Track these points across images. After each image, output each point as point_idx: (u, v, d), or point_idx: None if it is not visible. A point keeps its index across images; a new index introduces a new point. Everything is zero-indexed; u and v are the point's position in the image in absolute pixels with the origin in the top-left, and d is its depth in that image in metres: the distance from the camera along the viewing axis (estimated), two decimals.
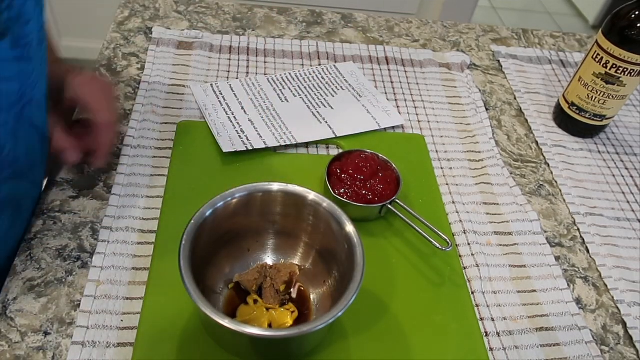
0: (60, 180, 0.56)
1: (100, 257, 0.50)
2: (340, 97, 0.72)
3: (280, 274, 0.48)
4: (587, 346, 0.51)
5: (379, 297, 0.51)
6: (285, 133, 0.64)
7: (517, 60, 0.85)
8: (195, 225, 0.43)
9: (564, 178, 0.67)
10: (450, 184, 0.63)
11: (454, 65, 0.81)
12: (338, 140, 0.65)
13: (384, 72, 0.78)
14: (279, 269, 0.49)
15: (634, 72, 0.65)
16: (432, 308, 0.51)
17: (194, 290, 0.39)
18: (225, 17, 0.83)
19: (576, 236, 0.61)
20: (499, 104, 0.77)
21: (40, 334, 0.45)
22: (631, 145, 0.74)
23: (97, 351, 0.44)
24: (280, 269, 0.49)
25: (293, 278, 0.49)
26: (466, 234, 0.58)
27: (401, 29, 0.88)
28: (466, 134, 0.70)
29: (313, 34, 0.83)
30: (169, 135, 0.63)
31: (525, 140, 0.72)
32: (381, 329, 0.48)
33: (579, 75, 0.70)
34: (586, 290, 0.56)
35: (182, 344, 0.45)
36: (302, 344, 0.45)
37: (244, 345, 0.44)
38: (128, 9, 0.81)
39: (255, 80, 0.72)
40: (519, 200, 0.63)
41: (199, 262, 0.42)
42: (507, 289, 0.54)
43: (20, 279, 0.48)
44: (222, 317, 0.37)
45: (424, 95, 0.75)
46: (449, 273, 0.54)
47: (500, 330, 0.51)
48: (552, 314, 0.53)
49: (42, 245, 0.51)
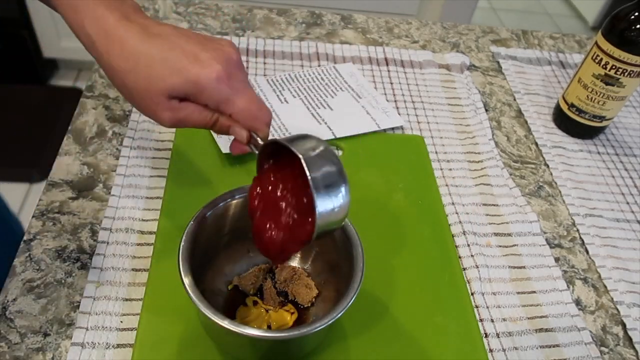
0: (60, 181, 0.56)
1: (100, 258, 0.50)
2: (340, 98, 0.72)
3: (281, 273, 0.49)
4: (587, 347, 0.51)
5: (379, 298, 0.51)
6: (285, 134, 0.64)
7: (516, 61, 0.85)
8: (195, 226, 0.43)
9: (564, 179, 0.67)
10: (449, 185, 0.63)
11: (453, 66, 0.81)
12: (337, 141, 0.65)
13: (384, 73, 0.78)
14: (280, 270, 0.49)
15: (634, 73, 0.65)
16: (431, 309, 0.51)
17: (193, 291, 0.39)
18: (224, 18, 0.83)
19: (576, 237, 0.61)
20: (499, 105, 0.77)
21: (40, 335, 0.45)
22: (631, 146, 0.74)
23: (97, 352, 0.44)
24: (281, 270, 0.49)
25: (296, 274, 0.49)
26: (466, 235, 0.58)
27: (401, 30, 0.88)
28: (466, 135, 0.70)
29: (312, 35, 0.83)
30: (169, 137, 0.63)
31: (525, 141, 0.72)
32: (381, 330, 0.48)
33: (578, 77, 0.71)
34: (586, 291, 0.56)
35: (182, 345, 0.45)
36: (301, 345, 0.45)
37: (243, 347, 0.44)
38: None
39: (254, 81, 0.72)
40: (518, 201, 0.63)
41: (198, 263, 0.42)
42: (506, 290, 0.54)
43: (20, 280, 0.48)
44: (222, 318, 0.37)
45: (424, 97, 0.75)
46: (448, 274, 0.54)
47: (500, 331, 0.51)
48: (552, 315, 0.53)
49: (41, 246, 0.51)
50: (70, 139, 0.61)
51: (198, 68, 0.40)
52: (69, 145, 0.60)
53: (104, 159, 0.59)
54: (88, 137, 0.61)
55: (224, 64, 0.40)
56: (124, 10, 0.41)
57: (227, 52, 0.41)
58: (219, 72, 0.40)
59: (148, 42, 0.40)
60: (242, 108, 0.41)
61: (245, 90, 0.42)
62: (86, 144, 0.61)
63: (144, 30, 0.40)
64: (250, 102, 0.42)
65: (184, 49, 0.40)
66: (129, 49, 0.40)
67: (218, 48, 0.41)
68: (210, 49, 0.41)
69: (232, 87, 0.41)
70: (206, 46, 0.41)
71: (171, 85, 0.40)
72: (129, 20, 0.40)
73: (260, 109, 0.42)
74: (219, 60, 0.40)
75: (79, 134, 0.62)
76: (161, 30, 0.41)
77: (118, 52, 0.40)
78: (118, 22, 0.40)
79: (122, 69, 0.40)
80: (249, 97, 0.42)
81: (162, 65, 0.40)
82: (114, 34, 0.40)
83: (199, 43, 0.41)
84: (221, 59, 0.40)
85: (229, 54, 0.41)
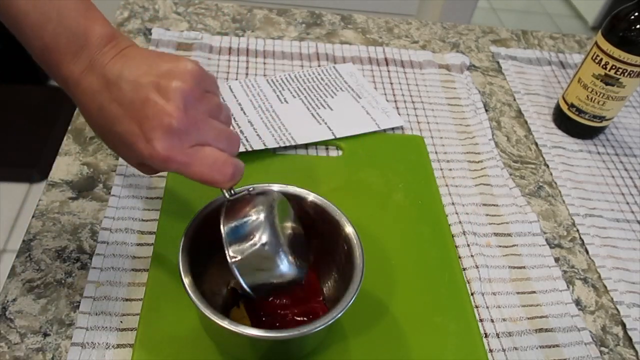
0: (60, 181, 0.56)
1: (100, 258, 0.50)
2: (340, 98, 0.72)
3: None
4: (587, 347, 0.51)
5: (379, 299, 0.51)
6: (285, 134, 0.65)
7: (516, 61, 0.85)
8: (195, 226, 0.43)
9: (564, 179, 0.67)
10: (449, 185, 0.63)
11: (453, 67, 0.81)
12: (337, 141, 0.65)
13: (384, 73, 0.78)
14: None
15: (634, 73, 0.65)
16: (431, 309, 0.51)
17: (193, 291, 0.39)
18: (224, 18, 0.83)
19: (575, 237, 0.61)
20: (499, 105, 0.77)
21: (40, 335, 0.45)
22: (631, 146, 0.74)
23: (97, 352, 0.44)
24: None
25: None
26: (465, 235, 0.58)
27: (400, 30, 0.88)
28: (465, 135, 0.70)
29: (312, 35, 0.83)
30: None
31: (525, 142, 0.72)
32: (380, 330, 0.48)
33: (578, 77, 0.71)
34: (585, 291, 0.56)
35: (182, 345, 0.45)
36: (301, 345, 0.45)
37: (243, 347, 0.44)
38: (127, 10, 0.81)
39: (254, 82, 0.72)
40: (518, 201, 0.63)
41: (199, 263, 0.42)
42: (506, 290, 0.54)
43: (20, 280, 0.48)
44: (222, 318, 0.38)
45: (424, 97, 0.75)
46: (448, 274, 0.54)
47: (500, 331, 0.51)
48: (552, 315, 0.53)
49: (41, 246, 0.51)
50: (70, 139, 0.61)
51: (142, 146, 0.37)
52: (69, 145, 0.60)
53: (104, 159, 0.59)
54: (88, 137, 0.61)
55: (166, 130, 0.37)
56: (87, 59, 0.38)
57: (179, 89, 0.37)
58: (159, 153, 0.37)
59: (107, 104, 0.38)
60: (198, 177, 0.39)
61: (198, 153, 0.39)
62: (86, 144, 0.61)
63: (103, 85, 0.38)
64: (203, 168, 0.39)
65: (128, 126, 0.37)
66: (96, 101, 0.39)
67: (166, 93, 0.37)
68: (153, 105, 0.37)
69: (180, 160, 0.38)
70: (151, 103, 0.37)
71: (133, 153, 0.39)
72: (91, 73, 0.38)
73: (219, 170, 0.39)
74: (162, 126, 0.37)
75: (79, 134, 0.62)
76: (119, 81, 0.38)
77: (89, 98, 0.39)
78: (82, 77, 0.38)
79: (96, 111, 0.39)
80: (204, 159, 0.39)
81: (113, 142, 0.40)
82: (79, 85, 0.39)
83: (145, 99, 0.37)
84: (165, 123, 0.37)
85: (180, 91, 0.37)
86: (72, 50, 0.38)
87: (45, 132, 1.66)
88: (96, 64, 0.38)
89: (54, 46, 0.38)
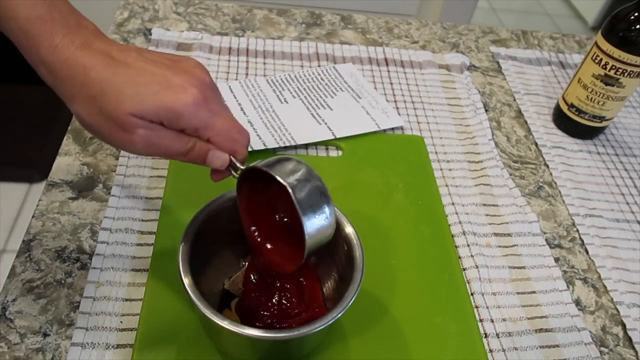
0: (59, 181, 0.56)
1: (100, 258, 0.50)
2: (340, 98, 0.72)
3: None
4: (587, 347, 0.51)
5: (379, 299, 0.51)
6: (285, 134, 0.65)
7: (516, 61, 0.85)
8: (195, 226, 0.43)
9: (564, 179, 0.67)
10: (449, 185, 0.63)
11: (453, 67, 0.81)
12: (337, 141, 0.65)
13: (384, 73, 0.78)
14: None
15: (633, 73, 0.65)
16: (431, 309, 0.51)
17: (192, 291, 0.39)
18: (224, 18, 0.83)
19: (575, 237, 0.61)
20: (499, 105, 0.77)
21: (40, 336, 0.45)
22: (630, 146, 0.75)
23: (97, 352, 0.44)
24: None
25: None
26: (465, 235, 0.58)
27: (400, 30, 0.88)
28: (465, 135, 0.70)
29: (312, 35, 0.83)
30: None
31: (525, 142, 0.72)
32: (380, 330, 0.48)
33: (578, 77, 0.71)
34: (585, 291, 0.56)
35: (182, 345, 0.45)
36: (301, 345, 0.45)
37: (243, 346, 0.44)
38: (127, 10, 0.81)
39: (254, 82, 0.72)
40: (518, 201, 0.63)
41: (198, 264, 0.42)
42: (506, 290, 0.54)
43: (20, 280, 0.48)
44: (222, 318, 0.38)
45: (424, 97, 0.75)
46: (448, 274, 0.54)
47: (500, 331, 0.51)
48: (552, 315, 0.53)
49: (41, 246, 0.51)
50: (70, 139, 0.61)
51: (172, 93, 0.37)
52: (69, 145, 0.60)
53: (104, 159, 0.59)
54: (88, 137, 0.61)
55: (199, 87, 0.39)
56: (84, 37, 0.38)
57: (199, 74, 0.40)
58: (195, 97, 0.38)
59: (114, 69, 0.37)
60: (221, 130, 0.40)
61: (223, 112, 0.41)
62: (86, 144, 0.61)
63: (107, 57, 0.38)
64: (229, 124, 0.40)
65: (154, 74, 0.38)
66: (94, 76, 0.37)
67: (189, 71, 0.39)
68: (181, 72, 0.39)
69: (210, 110, 0.39)
70: (176, 70, 0.39)
71: (145, 108, 0.37)
72: (90, 48, 0.37)
73: (239, 131, 0.41)
74: (193, 83, 0.38)
75: (79, 134, 0.62)
76: (126, 56, 0.38)
77: (81, 80, 0.37)
78: (79, 50, 0.37)
79: (87, 95, 0.37)
80: (228, 119, 0.41)
81: (133, 90, 0.37)
82: (76, 63, 0.37)
83: (168, 67, 0.39)
84: (195, 82, 0.39)
85: (201, 76, 0.40)
86: (67, 24, 0.38)
87: (45, 132, 1.66)
88: (95, 45, 0.38)
89: (48, 17, 0.37)
